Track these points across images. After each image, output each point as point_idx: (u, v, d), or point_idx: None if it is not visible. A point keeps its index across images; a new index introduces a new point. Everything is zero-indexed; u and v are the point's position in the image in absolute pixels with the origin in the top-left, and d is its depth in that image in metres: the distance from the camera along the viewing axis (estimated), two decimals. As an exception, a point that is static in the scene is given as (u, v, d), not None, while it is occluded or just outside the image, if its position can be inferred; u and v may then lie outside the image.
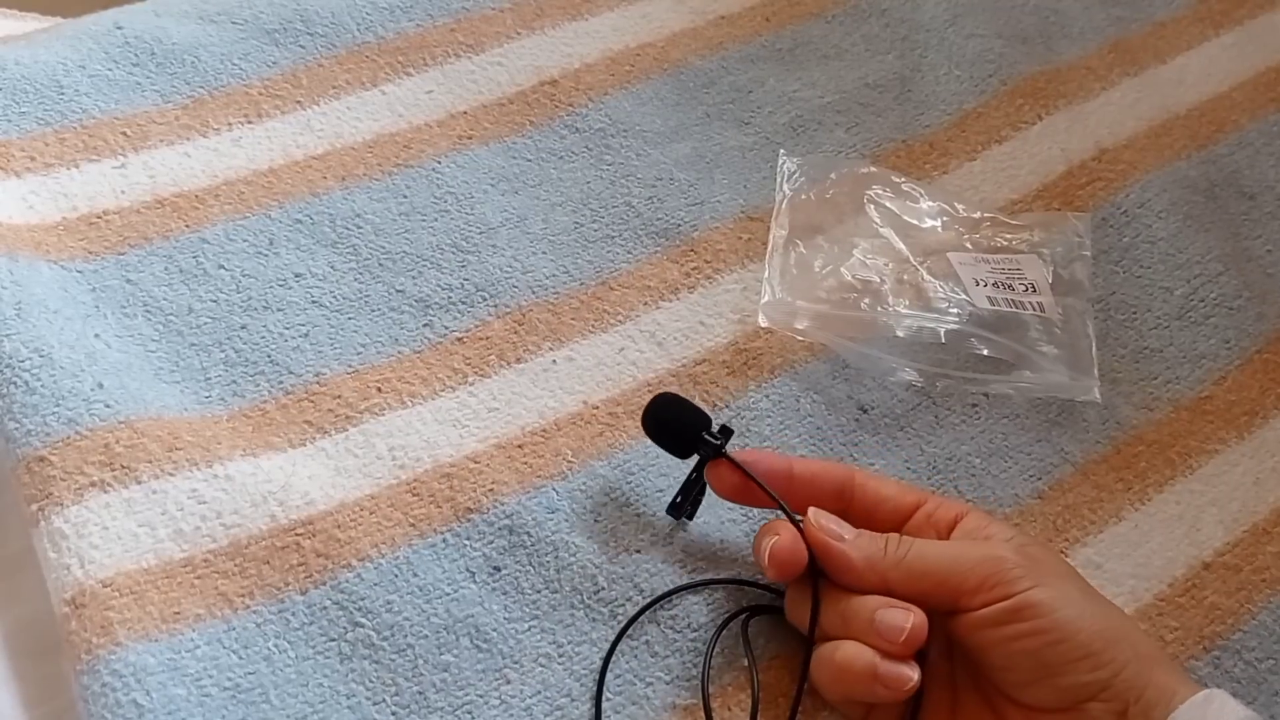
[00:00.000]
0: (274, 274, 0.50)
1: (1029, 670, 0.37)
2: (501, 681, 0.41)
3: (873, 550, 0.40)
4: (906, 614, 0.38)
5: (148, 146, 0.53)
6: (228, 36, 0.58)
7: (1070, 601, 0.38)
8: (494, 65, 0.60)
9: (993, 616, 0.37)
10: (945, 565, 0.39)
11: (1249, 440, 0.51)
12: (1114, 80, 0.64)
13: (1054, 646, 0.37)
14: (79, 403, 0.43)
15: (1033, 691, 0.38)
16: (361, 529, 0.43)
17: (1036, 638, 0.37)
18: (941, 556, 0.39)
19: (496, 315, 0.50)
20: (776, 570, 0.40)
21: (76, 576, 0.40)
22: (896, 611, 0.38)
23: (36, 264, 0.48)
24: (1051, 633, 0.37)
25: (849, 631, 0.39)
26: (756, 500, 0.42)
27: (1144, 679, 0.37)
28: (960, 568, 0.38)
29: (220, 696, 0.38)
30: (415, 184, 0.54)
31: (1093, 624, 0.37)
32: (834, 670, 0.39)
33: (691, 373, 0.50)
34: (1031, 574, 0.38)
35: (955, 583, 0.38)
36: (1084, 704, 0.37)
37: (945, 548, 0.40)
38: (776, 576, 0.41)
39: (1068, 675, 0.37)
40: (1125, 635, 0.38)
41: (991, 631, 0.38)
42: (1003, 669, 0.38)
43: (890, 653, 0.38)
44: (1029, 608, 0.37)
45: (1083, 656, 0.37)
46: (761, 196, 0.56)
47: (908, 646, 0.38)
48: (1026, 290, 0.53)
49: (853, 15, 0.65)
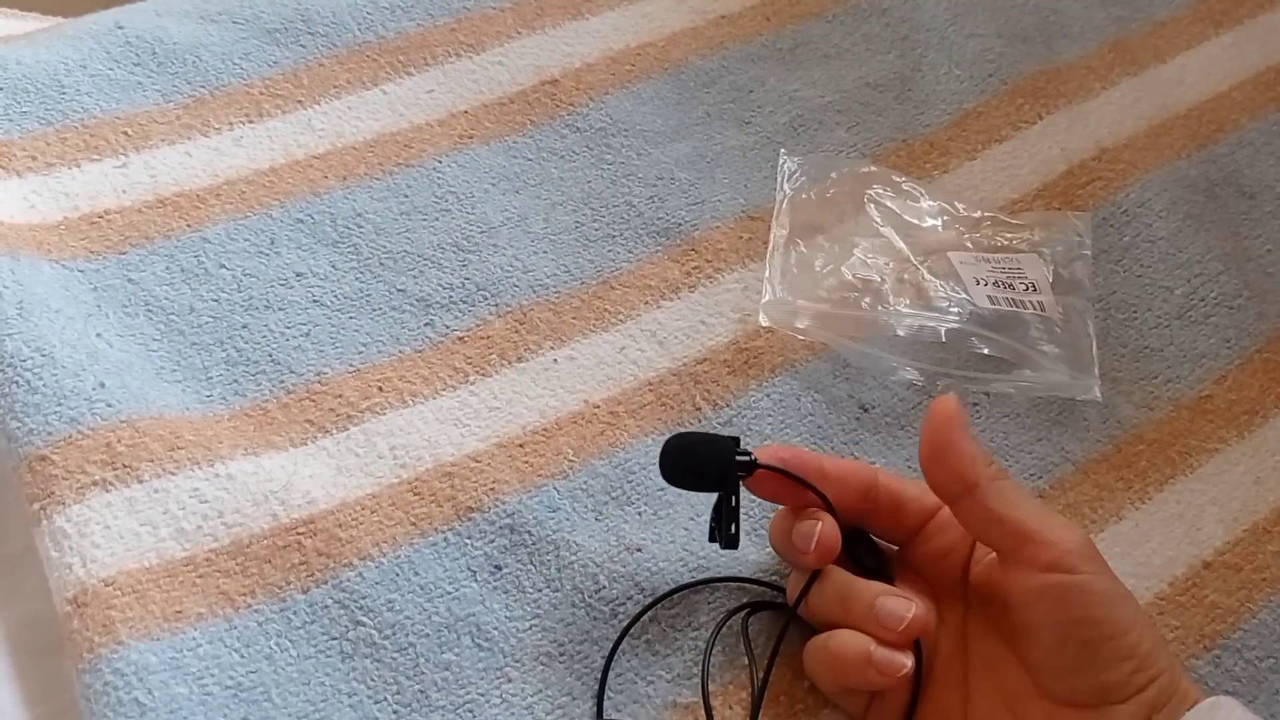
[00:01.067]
0: (275, 273, 0.50)
1: (1075, 658, 0.37)
2: (503, 680, 0.41)
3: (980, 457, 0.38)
4: (908, 604, 0.38)
5: (149, 146, 0.53)
6: (229, 36, 0.58)
7: (1126, 600, 0.38)
8: (495, 65, 0.60)
9: (1048, 588, 0.37)
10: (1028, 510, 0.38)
11: (1249, 439, 0.51)
12: (1114, 80, 0.64)
13: (1107, 641, 0.36)
14: (81, 402, 0.43)
15: (1070, 681, 0.37)
16: (363, 528, 0.43)
17: (1086, 627, 0.36)
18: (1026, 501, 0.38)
19: (498, 314, 0.50)
20: (819, 555, 0.40)
21: (78, 575, 0.40)
22: (898, 600, 0.38)
23: (38, 263, 0.48)
24: (1106, 626, 0.36)
25: (847, 619, 0.39)
26: (796, 499, 0.41)
27: (1173, 687, 0.37)
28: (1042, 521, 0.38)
29: (222, 695, 0.39)
30: (416, 183, 0.54)
31: (1144, 628, 0.37)
32: (828, 658, 0.39)
33: (692, 372, 0.50)
34: (1098, 563, 0.38)
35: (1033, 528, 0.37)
36: (1116, 704, 0.37)
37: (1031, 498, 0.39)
38: (817, 562, 0.40)
39: (1112, 671, 0.36)
40: (1164, 643, 0.38)
41: (1038, 604, 0.37)
42: (1050, 650, 0.37)
43: (888, 641, 0.38)
44: (1086, 594, 0.37)
45: (1128, 657, 0.37)
46: (762, 196, 0.56)
47: (906, 635, 0.38)
48: (1027, 289, 0.53)
49: (853, 15, 0.65)
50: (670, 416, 0.48)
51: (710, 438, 0.42)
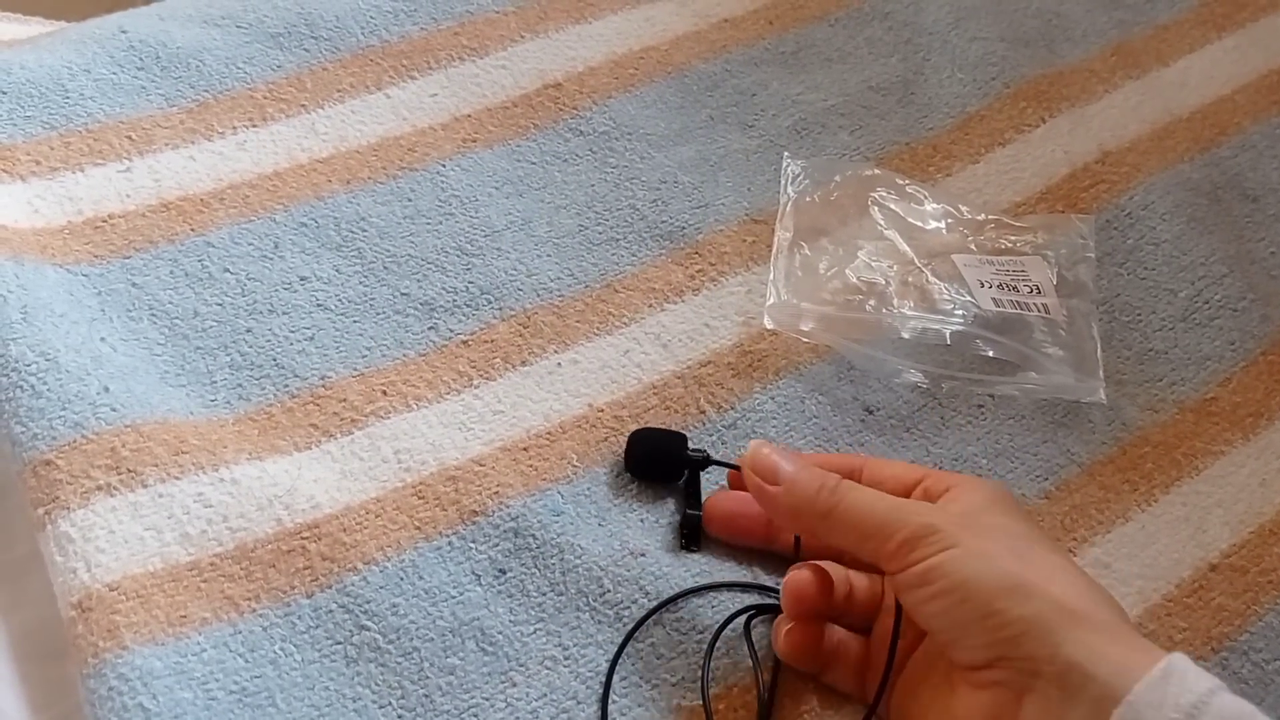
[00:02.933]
0: (279, 277, 0.50)
1: (945, 630, 0.38)
2: (507, 684, 0.41)
3: (802, 499, 0.40)
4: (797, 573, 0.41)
5: (153, 150, 0.53)
6: (232, 40, 0.58)
7: (980, 559, 0.37)
8: (498, 68, 0.60)
9: (906, 581, 0.38)
10: (871, 522, 0.39)
11: (1255, 442, 0.51)
12: (1117, 83, 0.64)
13: (959, 606, 0.37)
14: (85, 406, 0.43)
15: (956, 653, 0.38)
16: (367, 532, 0.43)
17: (942, 599, 0.37)
18: (870, 513, 0.39)
19: (501, 318, 0.50)
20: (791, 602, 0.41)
21: (83, 580, 0.40)
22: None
23: (42, 268, 0.48)
24: (955, 593, 0.37)
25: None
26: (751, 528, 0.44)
27: (1058, 636, 0.36)
28: (886, 527, 0.38)
29: (226, 700, 0.38)
30: (420, 187, 0.54)
31: (999, 581, 0.37)
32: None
33: (696, 375, 0.50)
34: (950, 537, 0.38)
35: (876, 543, 0.39)
36: (996, 663, 0.36)
37: (877, 505, 0.39)
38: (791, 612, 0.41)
39: (976, 633, 0.37)
40: (1042, 590, 0.37)
41: (908, 595, 0.38)
42: (931, 631, 0.39)
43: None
44: (934, 569, 0.37)
45: (986, 615, 0.36)
46: (766, 199, 0.56)
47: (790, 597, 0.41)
48: (1031, 292, 0.53)
49: (856, 18, 0.65)
50: (674, 420, 0.48)
51: (667, 433, 0.46)
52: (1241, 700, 0.34)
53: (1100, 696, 0.34)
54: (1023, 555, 0.38)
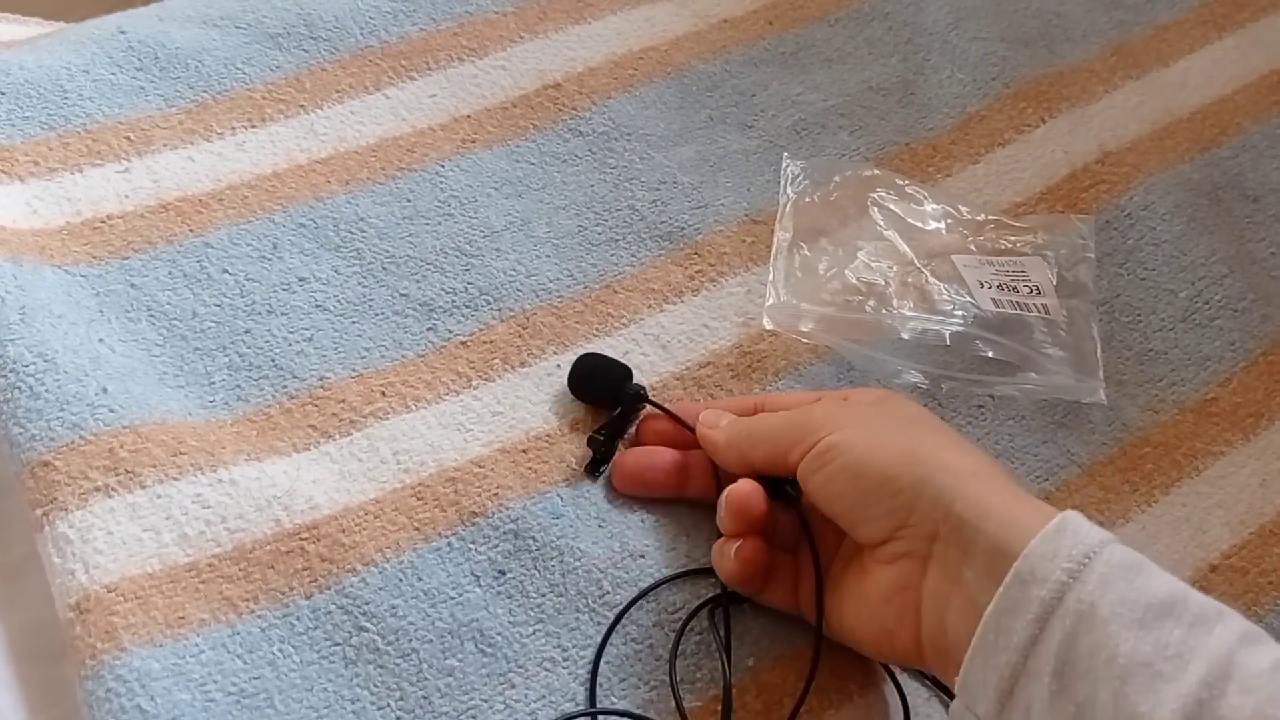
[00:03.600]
0: (278, 278, 0.50)
1: (847, 510, 0.39)
2: (506, 686, 0.41)
3: (730, 433, 0.44)
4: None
5: (151, 151, 0.53)
6: (231, 41, 0.58)
7: (867, 436, 0.39)
8: (497, 69, 0.60)
9: (806, 466, 0.40)
10: (769, 431, 0.42)
11: (1255, 442, 0.51)
12: (1117, 83, 0.64)
13: (855, 480, 0.39)
14: (83, 407, 0.43)
15: (860, 531, 0.39)
16: (366, 533, 0.43)
17: (840, 476, 0.39)
18: (763, 427, 0.43)
19: (500, 319, 0.50)
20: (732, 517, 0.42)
21: (81, 581, 0.40)
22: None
23: (41, 268, 0.48)
24: (850, 467, 0.39)
25: None
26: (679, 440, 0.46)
27: (950, 495, 0.37)
28: (781, 431, 0.42)
29: (225, 701, 0.38)
30: (419, 188, 0.54)
31: (889, 452, 0.39)
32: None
33: (696, 375, 0.50)
34: (832, 422, 0.40)
35: (778, 447, 0.41)
36: (898, 531, 0.38)
37: (770, 420, 0.43)
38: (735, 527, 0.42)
39: (873, 505, 0.38)
40: (931, 455, 0.38)
41: (810, 482, 0.40)
42: (835, 516, 0.40)
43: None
44: (828, 450, 0.39)
45: (880, 483, 0.38)
46: (765, 200, 0.56)
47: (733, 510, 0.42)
48: (1031, 292, 0.53)
49: (855, 19, 0.65)
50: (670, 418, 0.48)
51: (612, 363, 0.48)
52: (1131, 550, 0.35)
53: (993, 549, 0.35)
54: (913, 432, 0.41)
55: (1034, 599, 0.34)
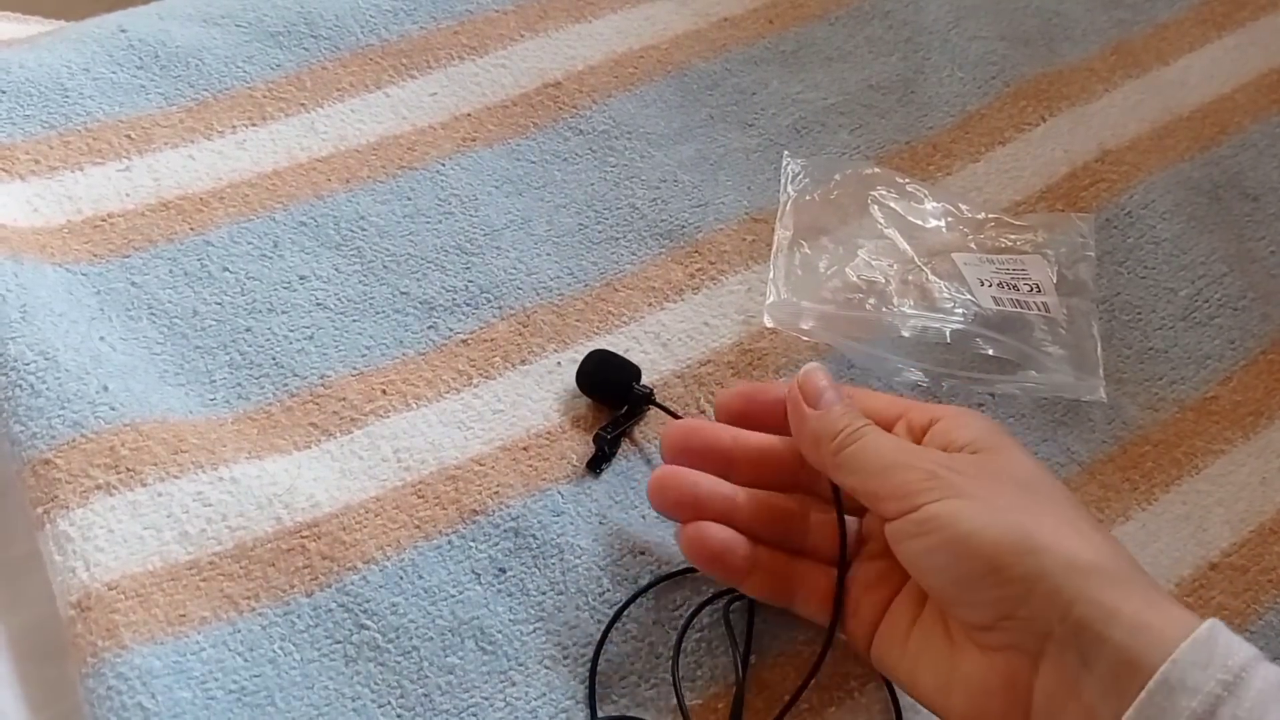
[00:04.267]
0: (279, 276, 0.50)
1: (945, 587, 0.36)
2: (506, 684, 0.41)
3: (825, 431, 0.39)
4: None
5: (152, 149, 0.53)
6: (232, 39, 0.58)
7: (981, 512, 0.35)
8: (497, 67, 0.60)
9: (901, 529, 0.36)
10: (876, 467, 0.38)
11: (1255, 440, 0.51)
12: (1116, 82, 0.64)
13: (957, 561, 0.35)
14: (84, 405, 0.43)
15: (958, 611, 0.36)
16: (367, 531, 0.43)
17: (940, 551, 0.35)
18: (876, 457, 0.38)
19: (501, 317, 0.50)
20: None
21: (82, 579, 0.40)
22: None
23: (41, 267, 0.48)
24: (953, 545, 0.35)
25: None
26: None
27: (1070, 594, 0.33)
28: (888, 472, 0.37)
29: (225, 699, 0.38)
30: (419, 186, 0.54)
31: (1002, 535, 0.34)
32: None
33: (696, 374, 0.50)
34: (944, 486, 0.36)
35: (873, 488, 0.38)
36: (1003, 622, 0.34)
37: (882, 451, 0.38)
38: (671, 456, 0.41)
39: (977, 590, 0.35)
40: (1050, 545, 0.34)
41: (903, 547, 0.36)
42: (929, 589, 0.37)
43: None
44: (930, 520, 0.35)
45: (987, 570, 0.34)
46: (766, 198, 0.56)
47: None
48: (1031, 291, 0.53)
49: (855, 17, 0.65)
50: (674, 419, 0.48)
51: (622, 362, 0.48)
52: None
53: (1120, 661, 0.32)
54: (1028, 505, 0.36)
55: (1182, 710, 0.30)
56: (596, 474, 0.46)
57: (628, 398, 0.47)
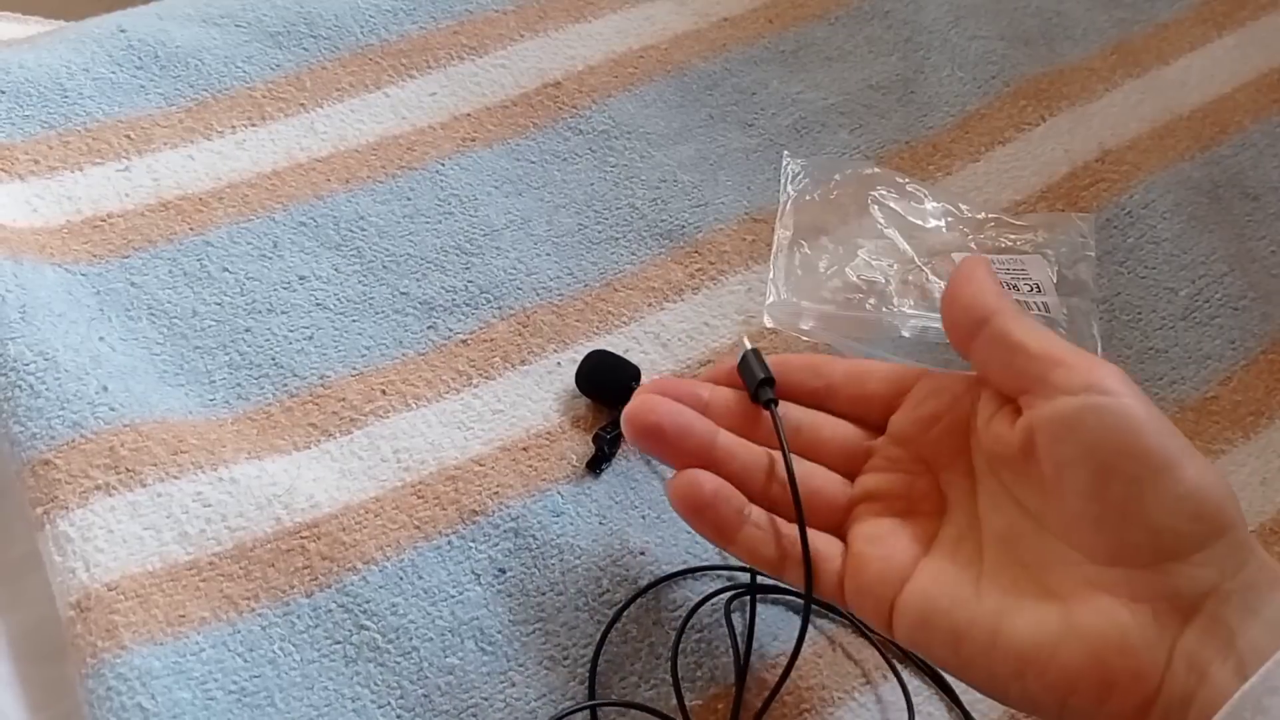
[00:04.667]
0: (278, 277, 0.50)
1: (1119, 501, 0.29)
2: (506, 684, 0.41)
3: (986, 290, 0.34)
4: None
5: (151, 149, 0.53)
6: (231, 39, 0.58)
7: (1175, 433, 0.30)
8: (497, 67, 0.60)
9: (1080, 406, 0.30)
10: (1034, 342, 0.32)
11: (1255, 440, 0.51)
12: (1117, 81, 0.64)
13: (1157, 476, 0.29)
14: (83, 406, 0.43)
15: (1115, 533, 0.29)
16: (366, 531, 0.43)
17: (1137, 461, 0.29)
18: (1033, 333, 0.33)
19: (500, 317, 0.50)
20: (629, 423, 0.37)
21: (81, 580, 0.40)
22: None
23: (41, 267, 0.48)
24: (1154, 456, 0.28)
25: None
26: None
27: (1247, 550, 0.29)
28: (1047, 348, 0.32)
29: (225, 700, 0.38)
30: (419, 186, 0.54)
31: (1203, 467, 0.29)
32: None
33: (696, 374, 0.50)
34: (1130, 390, 0.30)
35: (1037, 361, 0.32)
36: (1174, 561, 0.29)
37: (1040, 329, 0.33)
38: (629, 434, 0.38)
39: (1166, 516, 0.28)
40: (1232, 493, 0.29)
41: (1081, 443, 0.30)
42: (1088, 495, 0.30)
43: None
44: (1115, 410, 0.29)
45: (1185, 497, 0.28)
46: (765, 198, 0.56)
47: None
48: (1031, 290, 0.53)
49: (855, 17, 0.65)
50: (674, 419, 0.48)
51: (620, 361, 0.48)
52: None
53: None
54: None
55: None
56: (596, 474, 0.46)
57: (627, 398, 0.47)
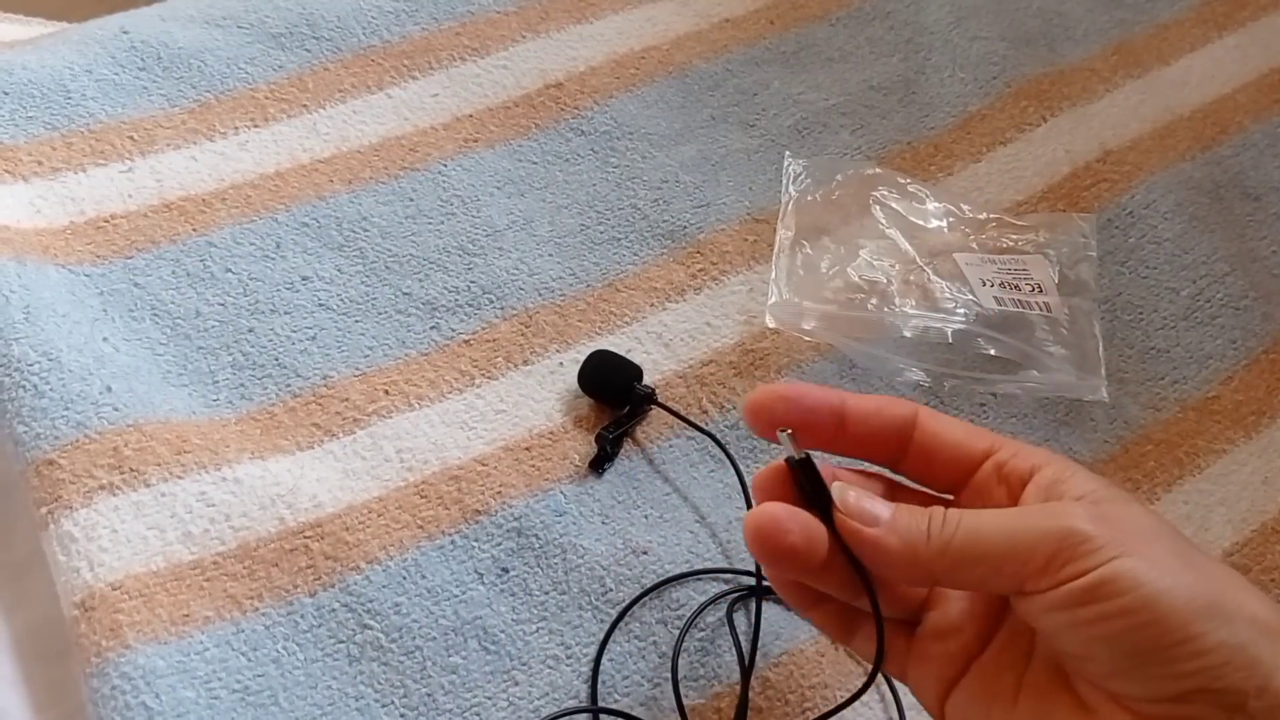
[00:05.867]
0: (281, 277, 0.50)
1: (1114, 660, 0.30)
2: (509, 683, 0.41)
3: (914, 535, 0.32)
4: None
5: (154, 150, 0.53)
6: (234, 41, 0.58)
7: (1163, 571, 0.30)
8: (499, 68, 0.60)
9: (1066, 598, 0.30)
10: (1002, 544, 0.31)
11: (1257, 440, 0.51)
12: (1118, 82, 0.64)
13: (1143, 630, 0.29)
14: (87, 406, 0.43)
15: (1121, 683, 0.30)
16: (370, 531, 0.43)
17: (1120, 620, 0.29)
18: (997, 533, 0.31)
19: (503, 317, 0.50)
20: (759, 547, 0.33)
21: (86, 579, 0.40)
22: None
23: (45, 268, 0.48)
24: (1140, 613, 0.29)
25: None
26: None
27: (1269, 664, 0.29)
28: (1022, 544, 0.31)
29: (229, 699, 0.38)
30: (421, 187, 0.54)
31: (1192, 598, 0.29)
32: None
33: (699, 374, 0.50)
34: (1113, 542, 0.30)
35: (1017, 565, 0.31)
36: (1189, 696, 0.30)
37: (1002, 520, 0.31)
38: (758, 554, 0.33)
39: (1163, 665, 0.30)
40: (1237, 608, 0.30)
41: (1064, 615, 0.30)
42: (1082, 658, 0.31)
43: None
44: (1109, 583, 0.30)
45: (1180, 641, 0.29)
46: (767, 198, 0.56)
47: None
48: (1033, 290, 0.53)
49: (857, 18, 0.65)
50: (676, 419, 0.48)
51: (623, 362, 0.48)
52: None
53: None
54: (1190, 562, 0.31)
55: None
56: (599, 474, 0.46)
57: (630, 398, 0.47)
